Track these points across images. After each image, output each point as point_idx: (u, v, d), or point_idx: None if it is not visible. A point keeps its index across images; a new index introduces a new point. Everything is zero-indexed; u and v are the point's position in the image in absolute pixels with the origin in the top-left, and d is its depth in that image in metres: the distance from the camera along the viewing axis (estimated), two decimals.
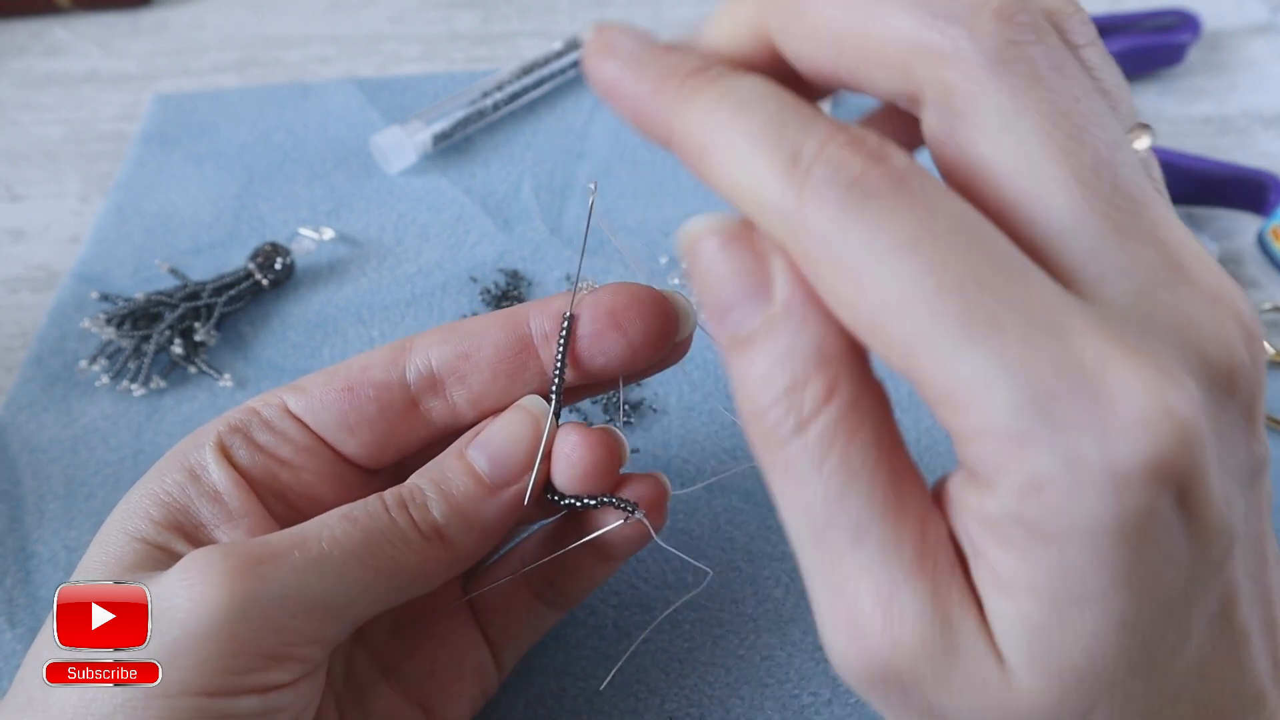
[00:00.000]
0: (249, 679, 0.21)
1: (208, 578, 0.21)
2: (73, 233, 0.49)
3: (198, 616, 0.21)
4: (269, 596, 0.21)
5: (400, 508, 0.24)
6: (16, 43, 0.62)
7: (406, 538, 0.24)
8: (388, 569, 0.23)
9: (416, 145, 0.50)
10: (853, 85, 0.18)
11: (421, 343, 0.27)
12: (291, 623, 0.22)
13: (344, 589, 0.22)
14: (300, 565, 0.22)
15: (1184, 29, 0.57)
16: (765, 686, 0.32)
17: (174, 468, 0.25)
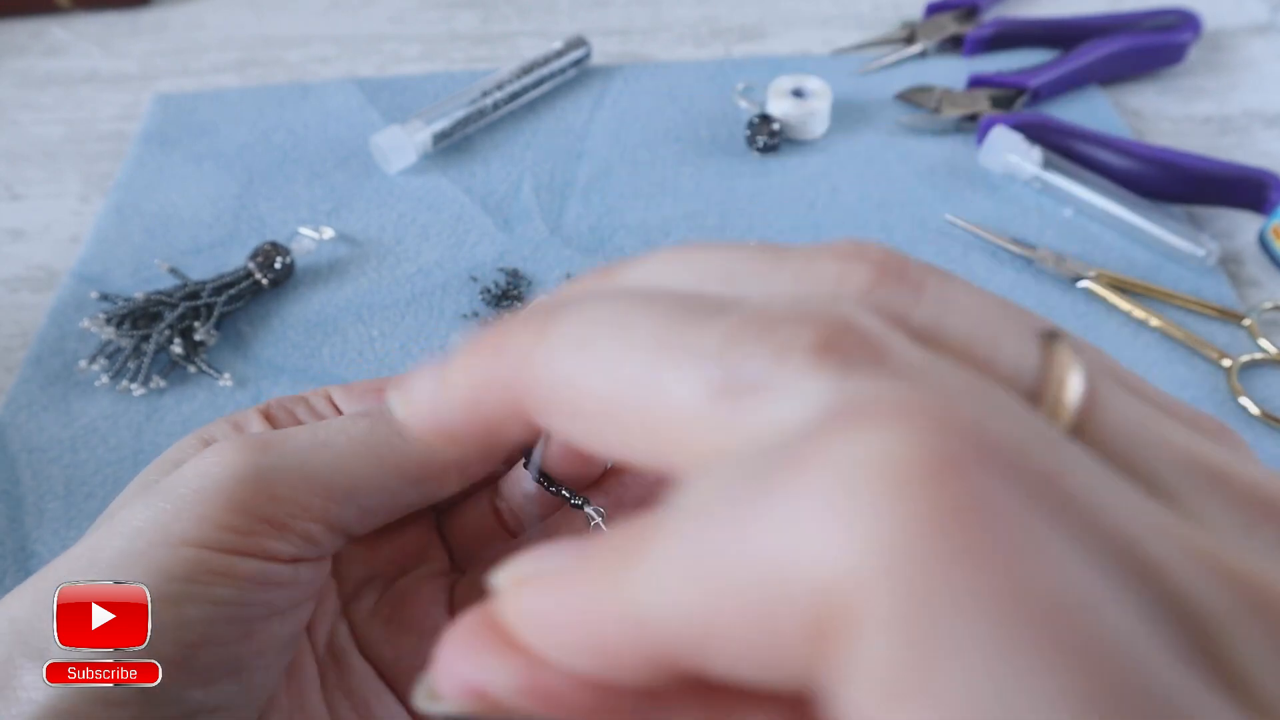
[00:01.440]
0: (247, 541, 0.22)
1: (220, 449, 0.22)
2: (73, 233, 0.49)
3: (204, 476, 0.22)
4: (269, 466, 0.22)
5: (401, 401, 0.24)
6: (16, 43, 0.61)
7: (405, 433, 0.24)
8: (392, 459, 0.24)
9: (416, 145, 0.50)
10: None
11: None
12: (290, 493, 0.22)
13: (345, 471, 0.23)
14: (305, 445, 0.23)
15: (1184, 28, 0.57)
16: None
17: (221, 421, 0.26)
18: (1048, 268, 0.45)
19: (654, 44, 0.61)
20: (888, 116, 0.54)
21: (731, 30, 0.62)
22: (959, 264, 0.46)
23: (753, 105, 0.54)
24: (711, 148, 0.52)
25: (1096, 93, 0.56)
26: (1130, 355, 0.42)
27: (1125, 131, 0.53)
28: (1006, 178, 0.50)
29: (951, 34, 0.59)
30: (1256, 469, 0.13)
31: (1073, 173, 0.48)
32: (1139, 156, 0.48)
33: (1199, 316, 0.44)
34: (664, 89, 0.56)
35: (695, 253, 0.15)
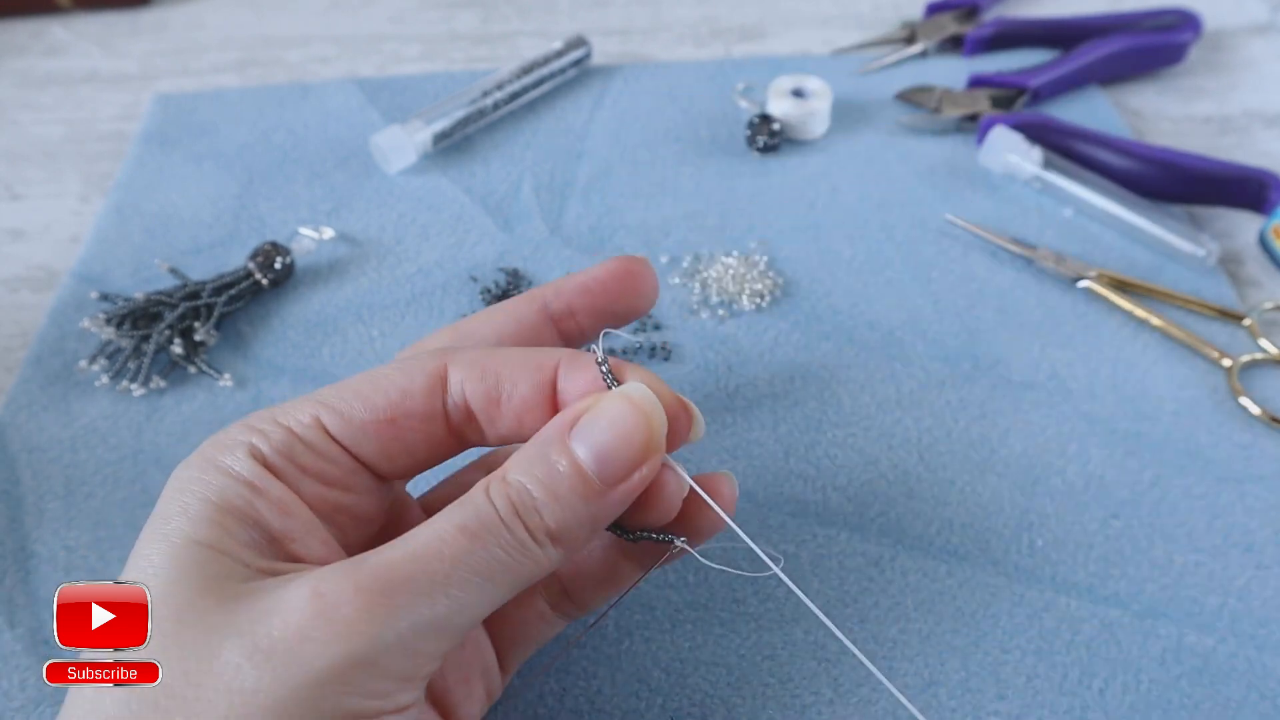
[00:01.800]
0: (389, 702, 0.22)
1: (349, 607, 0.21)
2: (73, 232, 0.49)
3: (345, 645, 0.21)
4: (406, 626, 0.21)
5: (513, 514, 0.23)
6: (16, 43, 0.61)
7: (523, 546, 0.23)
8: (508, 580, 0.23)
9: (416, 145, 0.50)
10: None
11: (456, 371, 0.26)
12: (421, 645, 0.22)
13: (465, 604, 0.22)
14: (427, 588, 0.22)
15: (1184, 28, 0.57)
16: (767, 686, 0.32)
17: (224, 477, 0.24)
18: (1048, 268, 0.45)
19: (654, 44, 0.61)
20: (888, 116, 0.54)
21: (731, 30, 0.62)
22: (959, 264, 0.46)
23: (753, 105, 0.54)
24: (711, 148, 0.52)
25: (1096, 93, 0.56)
26: (1130, 355, 0.42)
27: (1125, 131, 0.53)
28: (1006, 178, 0.50)
29: (951, 34, 0.59)
30: None
31: (1073, 173, 0.48)
32: (1139, 156, 0.48)
33: (1199, 316, 0.44)
34: (664, 89, 0.56)
35: None
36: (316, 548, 0.24)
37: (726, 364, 0.42)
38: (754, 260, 0.46)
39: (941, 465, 0.38)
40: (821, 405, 0.40)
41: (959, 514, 0.37)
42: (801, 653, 0.33)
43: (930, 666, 0.32)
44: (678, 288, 0.45)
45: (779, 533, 0.36)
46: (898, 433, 0.39)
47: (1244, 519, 0.36)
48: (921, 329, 0.43)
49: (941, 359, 0.42)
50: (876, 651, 0.33)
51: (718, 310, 0.44)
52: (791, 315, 0.44)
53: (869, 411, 0.40)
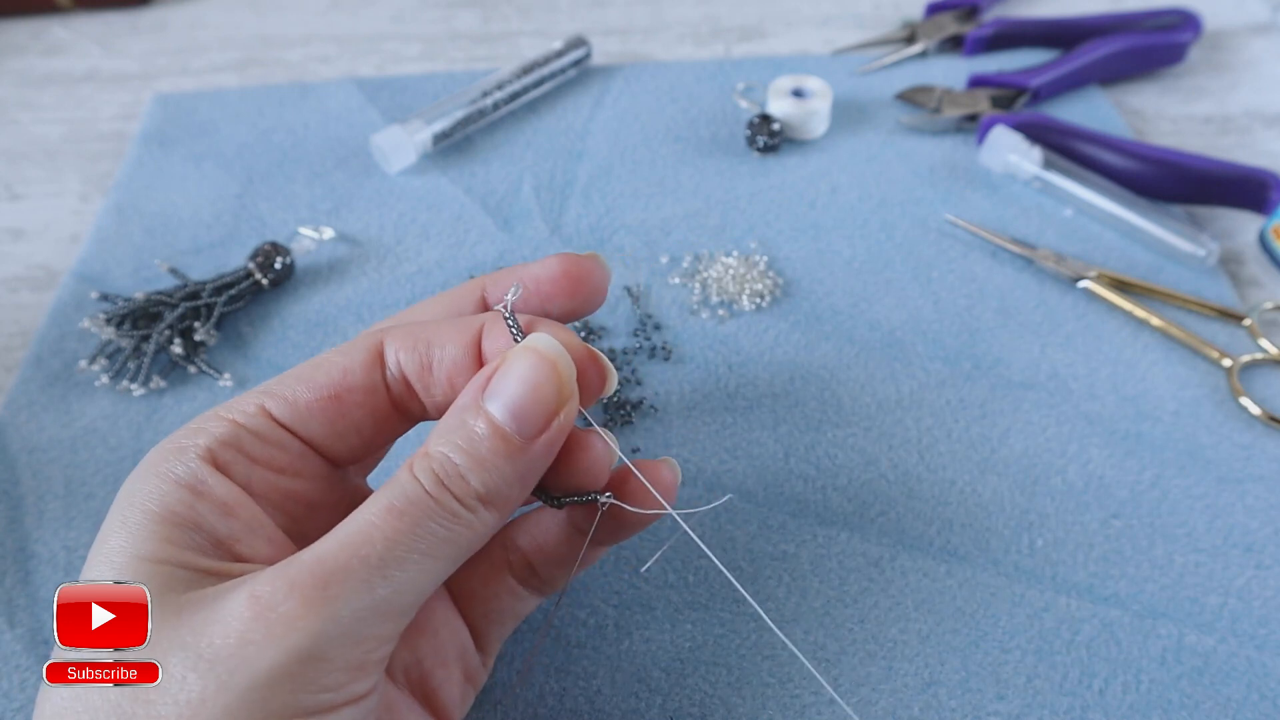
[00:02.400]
0: (342, 693, 0.22)
1: (286, 606, 0.21)
2: (72, 232, 0.49)
3: (286, 645, 0.21)
4: (346, 615, 0.21)
5: (438, 485, 0.23)
6: (16, 42, 0.61)
7: (456, 515, 0.23)
8: (445, 551, 0.23)
9: (416, 145, 0.50)
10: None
11: (390, 344, 0.27)
12: (368, 631, 0.22)
13: (410, 585, 0.22)
14: (363, 574, 0.22)
15: (1185, 28, 0.57)
16: (767, 686, 0.32)
17: (166, 484, 0.24)
18: (1048, 268, 0.45)
19: (654, 44, 0.61)
20: (888, 116, 0.54)
21: (731, 30, 0.62)
22: (959, 264, 0.46)
23: (753, 105, 0.54)
24: (711, 148, 0.52)
25: (1097, 93, 0.56)
26: (1130, 355, 0.42)
27: (1125, 131, 0.53)
28: (1007, 178, 0.50)
29: (952, 34, 0.59)
30: None
31: (1073, 173, 0.48)
32: (1139, 156, 0.48)
33: (1199, 316, 0.44)
34: (664, 89, 0.56)
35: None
36: (262, 547, 0.24)
37: (726, 364, 0.42)
38: (754, 260, 0.46)
39: (941, 465, 0.38)
40: (821, 405, 0.40)
41: (959, 514, 0.37)
42: (801, 652, 0.33)
43: (930, 666, 0.32)
44: (678, 288, 0.45)
45: (779, 533, 0.36)
46: (898, 433, 0.39)
47: (1244, 519, 0.36)
48: (921, 329, 0.43)
49: (941, 359, 0.42)
50: (877, 651, 0.33)
51: (718, 310, 0.44)
52: (791, 315, 0.44)
53: (869, 411, 0.40)
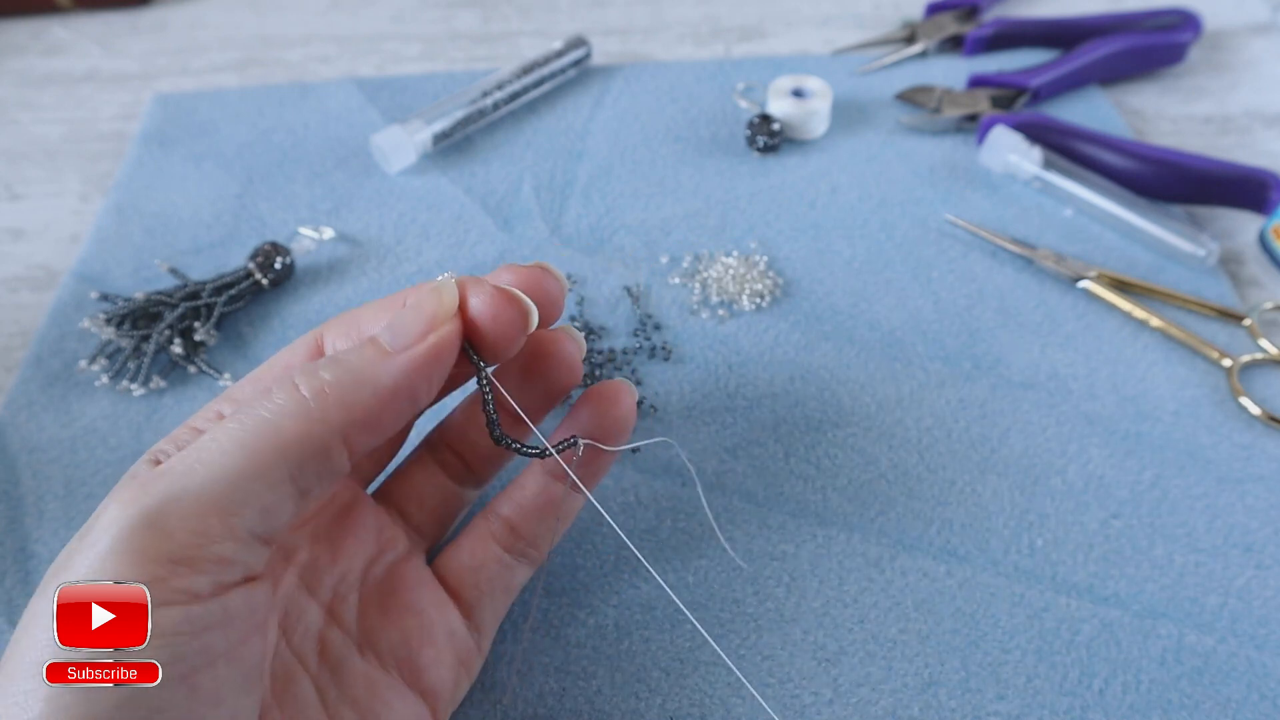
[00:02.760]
0: (162, 588, 0.21)
1: (104, 506, 0.22)
2: (72, 232, 0.49)
3: (96, 542, 0.21)
4: (154, 506, 0.21)
5: (282, 383, 0.24)
6: (16, 42, 0.61)
7: (284, 409, 0.23)
8: (268, 445, 0.23)
9: (416, 145, 0.50)
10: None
11: (329, 332, 0.28)
12: (185, 524, 0.21)
13: (226, 478, 0.22)
14: (181, 471, 0.22)
15: (1185, 28, 0.57)
16: (766, 686, 0.32)
17: (127, 486, 0.25)
18: (1048, 268, 0.45)
19: (654, 44, 0.61)
20: (888, 116, 0.54)
21: (731, 30, 0.62)
22: (959, 264, 0.46)
23: (753, 105, 0.54)
24: (711, 148, 0.52)
25: (1096, 93, 0.56)
26: (1130, 355, 0.42)
27: (1125, 131, 0.53)
28: (1007, 178, 0.50)
29: (952, 34, 0.59)
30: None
31: (1073, 173, 0.48)
32: (1139, 156, 0.48)
33: (1199, 316, 0.44)
34: (664, 89, 0.56)
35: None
36: None
37: (726, 364, 0.42)
38: (754, 260, 0.46)
39: (941, 465, 0.38)
40: (821, 405, 0.40)
41: (959, 514, 0.37)
42: (801, 653, 0.33)
43: (930, 666, 0.32)
44: (678, 288, 0.45)
45: (779, 533, 0.36)
46: (898, 433, 0.39)
47: (1244, 519, 0.36)
48: (921, 329, 0.43)
49: (941, 359, 0.42)
50: (876, 651, 0.33)
51: (718, 310, 0.44)
52: (791, 315, 0.44)
53: (869, 411, 0.40)
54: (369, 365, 0.24)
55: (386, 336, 0.25)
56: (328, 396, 0.24)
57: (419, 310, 0.25)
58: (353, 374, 0.24)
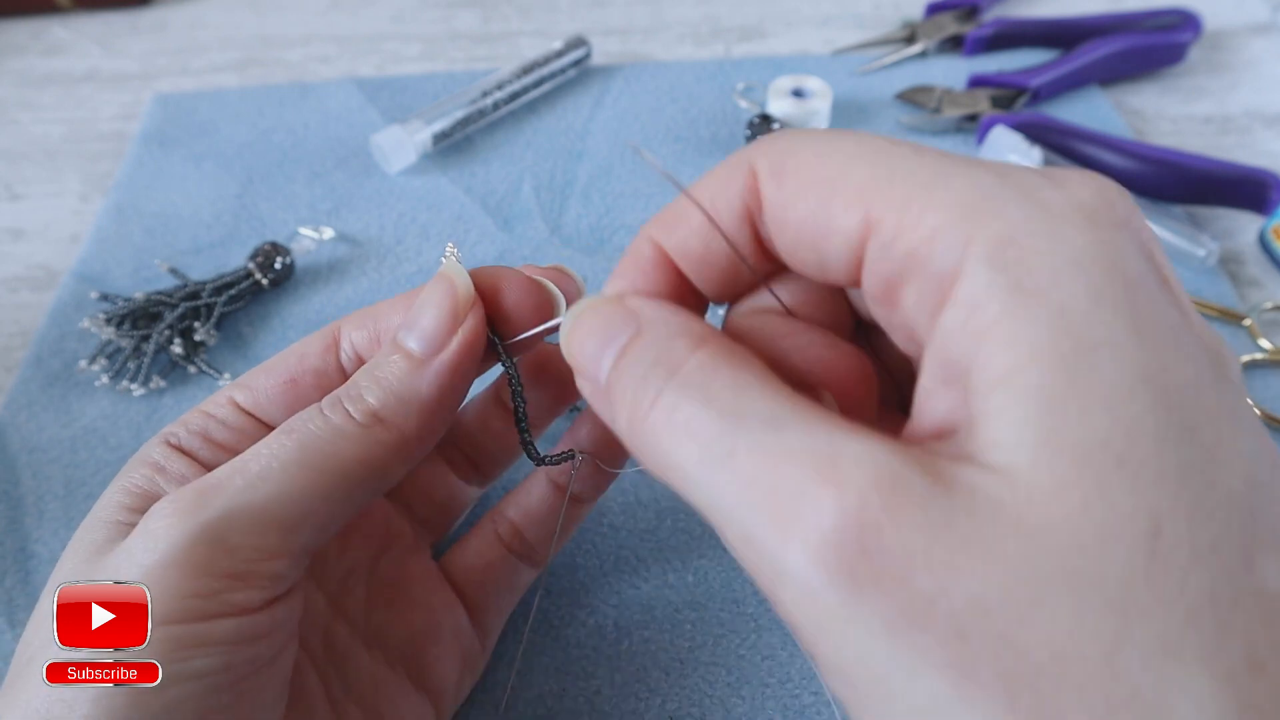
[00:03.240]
0: (216, 601, 0.21)
1: (162, 520, 0.22)
2: (72, 232, 0.49)
3: (155, 552, 0.21)
4: (215, 520, 0.22)
5: (334, 406, 0.24)
6: (16, 42, 0.61)
7: (342, 431, 0.23)
8: (331, 466, 0.23)
9: (416, 145, 0.50)
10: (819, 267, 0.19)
11: (347, 326, 0.28)
12: (245, 540, 0.22)
13: (289, 497, 0.22)
14: (242, 486, 0.22)
15: (1185, 28, 0.57)
16: (766, 686, 0.32)
17: (138, 465, 0.25)
18: None
19: (654, 44, 0.61)
20: (888, 116, 0.54)
21: (732, 30, 0.62)
22: None
23: (753, 105, 0.54)
24: (711, 148, 0.52)
25: (1097, 93, 0.56)
26: None
27: (1125, 131, 0.53)
28: None
29: (952, 34, 0.59)
30: None
31: None
32: (1139, 156, 0.48)
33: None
34: (664, 89, 0.56)
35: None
36: None
37: None
38: None
39: None
40: None
41: None
42: (800, 652, 0.33)
43: None
44: None
45: None
46: None
47: None
48: None
49: None
50: None
51: (717, 310, 0.44)
52: None
53: None
54: (408, 382, 0.24)
55: (413, 342, 0.25)
56: (378, 421, 0.24)
57: (437, 306, 0.25)
58: (396, 395, 0.24)
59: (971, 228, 0.16)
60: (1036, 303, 0.15)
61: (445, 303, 0.25)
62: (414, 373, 0.24)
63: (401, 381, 0.24)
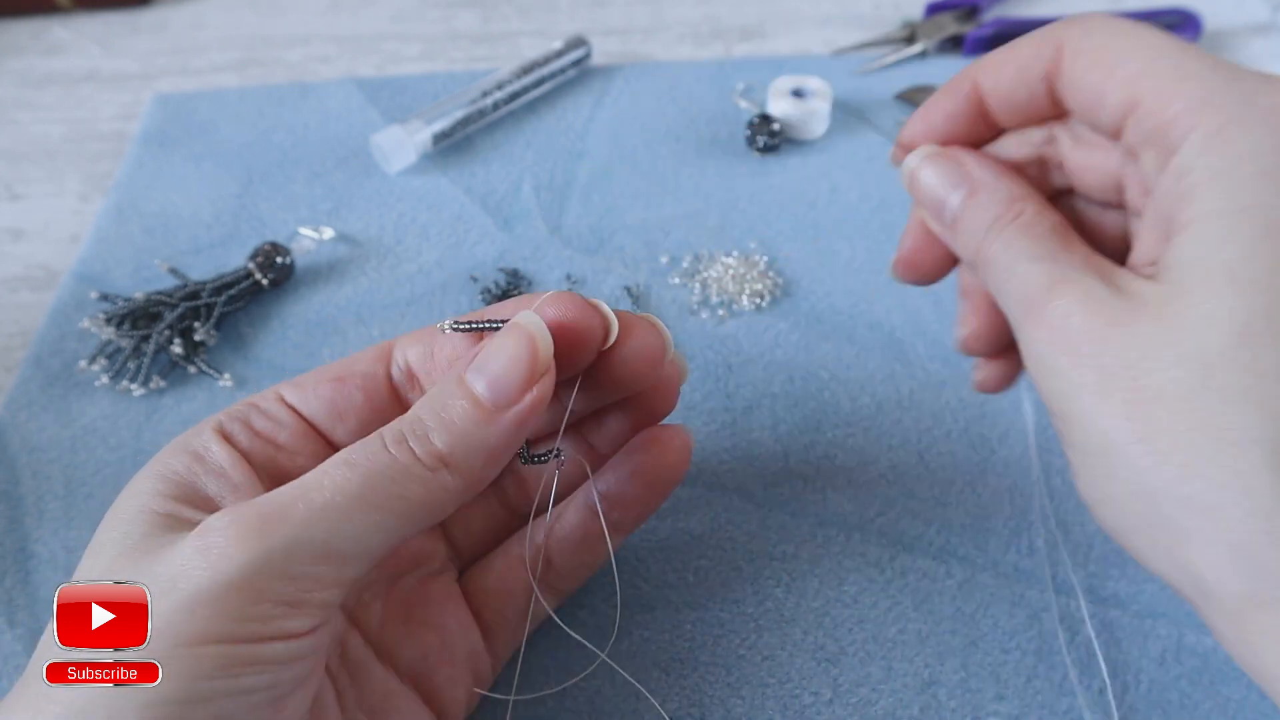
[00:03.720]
0: (271, 626, 0.22)
1: (223, 537, 0.22)
2: (72, 232, 0.49)
3: (216, 571, 0.21)
4: (277, 548, 0.22)
5: (399, 443, 0.24)
6: (16, 42, 0.61)
7: (409, 471, 0.23)
8: (394, 506, 0.23)
9: (416, 145, 0.50)
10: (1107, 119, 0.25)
11: (403, 341, 0.28)
12: (304, 570, 0.22)
13: (351, 532, 0.23)
14: (305, 516, 0.22)
15: (1185, 28, 0.57)
16: (766, 686, 0.32)
17: (177, 451, 0.26)
18: None
19: (654, 44, 0.61)
20: (888, 116, 0.54)
21: (732, 30, 0.62)
22: None
23: (753, 105, 0.54)
24: (711, 148, 0.52)
25: None
26: None
27: None
28: None
29: (952, 34, 0.59)
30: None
31: None
32: None
33: None
34: (664, 89, 0.56)
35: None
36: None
37: (726, 364, 0.42)
38: (754, 260, 0.46)
39: (941, 465, 0.38)
40: (821, 405, 0.40)
41: (959, 514, 0.37)
42: (800, 652, 0.33)
43: (930, 666, 0.32)
44: (678, 288, 0.45)
45: (778, 533, 0.36)
46: (897, 433, 0.39)
47: None
48: (921, 329, 0.43)
49: (941, 359, 0.42)
50: (876, 652, 0.33)
51: (718, 310, 0.44)
52: (791, 315, 0.44)
53: (869, 411, 0.40)
54: (477, 430, 0.24)
55: (483, 387, 0.24)
56: (445, 466, 0.24)
57: (517, 362, 0.24)
58: (464, 441, 0.24)
59: (1196, 119, 0.22)
60: (1224, 179, 0.22)
61: (525, 358, 0.24)
62: (484, 423, 0.24)
63: (471, 430, 0.24)
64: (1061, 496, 0.37)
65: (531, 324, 0.25)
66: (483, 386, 0.24)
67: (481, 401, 0.24)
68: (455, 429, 0.24)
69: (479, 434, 0.24)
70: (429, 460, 0.24)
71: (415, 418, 0.24)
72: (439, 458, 0.24)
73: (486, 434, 0.24)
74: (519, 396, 0.24)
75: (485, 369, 0.25)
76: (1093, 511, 0.24)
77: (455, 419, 0.24)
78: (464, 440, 0.24)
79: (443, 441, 0.24)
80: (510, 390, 0.24)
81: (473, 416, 0.24)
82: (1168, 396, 0.22)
